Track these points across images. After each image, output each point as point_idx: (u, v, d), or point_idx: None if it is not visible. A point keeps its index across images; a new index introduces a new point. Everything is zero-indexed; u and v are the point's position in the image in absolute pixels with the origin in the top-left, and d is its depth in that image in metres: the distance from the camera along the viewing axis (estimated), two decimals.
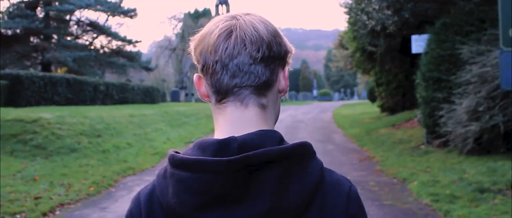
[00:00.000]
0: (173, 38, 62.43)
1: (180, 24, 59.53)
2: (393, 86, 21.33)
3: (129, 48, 38.07)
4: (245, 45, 1.04)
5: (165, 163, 1.08)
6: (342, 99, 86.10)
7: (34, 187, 8.42)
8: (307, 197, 0.99)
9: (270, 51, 1.06)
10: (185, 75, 60.98)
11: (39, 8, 34.19)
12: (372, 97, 40.56)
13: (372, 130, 17.34)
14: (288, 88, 1.13)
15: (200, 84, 1.14)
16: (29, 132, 11.88)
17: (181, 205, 0.98)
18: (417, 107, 20.54)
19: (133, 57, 37.38)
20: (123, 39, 36.76)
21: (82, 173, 9.88)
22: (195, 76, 1.16)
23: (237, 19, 1.08)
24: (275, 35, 1.08)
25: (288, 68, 1.14)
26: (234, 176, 0.96)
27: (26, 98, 18.90)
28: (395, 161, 10.76)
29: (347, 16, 21.62)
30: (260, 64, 1.05)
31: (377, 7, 12.58)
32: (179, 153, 1.04)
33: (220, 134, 1.08)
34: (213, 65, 1.06)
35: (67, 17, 36.22)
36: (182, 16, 58.49)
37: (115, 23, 54.99)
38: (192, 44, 1.15)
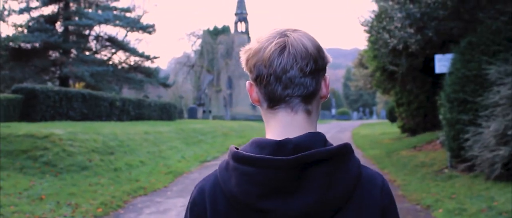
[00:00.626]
0: (192, 54, 62.41)
1: (199, 40, 59.52)
2: (414, 107, 20.80)
3: (147, 64, 38.02)
4: (296, 60, 1.21)
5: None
6: (360, 118, 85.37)
7: (40, 207, 8.09)
8: (349, 190, 1.18)
9: (316, 65, 1.24)
10: (203, 92, 60.82)
11: (58, 23, 34.29)
12: (391, 117, 39.98)
13: (393, 152, 16.82)
14: (328, 94, 1.32)
15: (252, 91, 1.31)
16: (39, 148, 11.59)
17: (245, 194, 1.16)
18: (439, 129, 20.03)
19: (151, 73, 37.27)
20: (141, 55, 36.69)
21: (91, 192, 9.53)
22: (247, 83, 1.32)
23: (288, 37, 1.24)
24: (319, 50, 1.26)
25: (327, 76, 1.31)
26: (290, 172, 1.14)
27: (41, 113, 18.72)
28: (418, 185, 10.26)
29: (367, 35, 21.25)
30: (309, 77, 1.23)
31: (399, 25, 12.14)
32: (238, 149, 1.23)
33: (273, 135, 1.26)
34: (267, 77, 1.23)
35: (86, 32, 36.28)
36: (201, 32, 58.49)
37: (133, 39, 55.23)
38: (244, 56, 1.30)
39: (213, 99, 64.31)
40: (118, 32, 46.44)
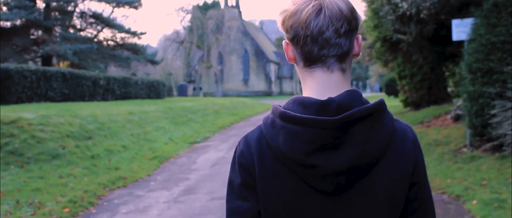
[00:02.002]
0: (182, 31, 60.72)
1: (188, 16, 57.82)
2: (417, 79, 19.46)
3: (134, 40, 36.37)
4: (332, 22, 1.26)
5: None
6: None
7: None
8: (385, 143, 1.25)
9: (350, 26, 1.28)
10: (193, 68, 59.33)
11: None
12: (389, 90, 38.70)
13: None
14: (360, 52, 1.36)
15: (288, 50, 1.36)
16: (5, 135, 10.13)
17: (292, 151, 1.22)
18: (446, 102, 18.76)
19: (138, 50, 35.62)
20: (127, 31, 35.02)
21: (60, 186, 8.16)
22: (283, 42, 1.37)
23: None
24: (352, 11, 1.30)
25: (359, 35, 1.35)
26: (334, 130, 1.20)
27: (17, 95, 17.23)
28: (437, 169, 8.94)
29: (366, 4, 19.82)
30: (343, 37, 1.28)
31: None
32: (281, 107, 1.29)
33: (311, 93, 1.32)
34: (304, 38, 1.28)
35: (70, 9, 34.50)
36: (190, 8, 56.73)
37: (120, 15, 53.18)
38: (280, 17, 1.33)
39: (203, 76, 62.76)
40: (104, 8, 44.67)
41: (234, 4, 66.63)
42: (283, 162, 1.26)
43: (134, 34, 35.23)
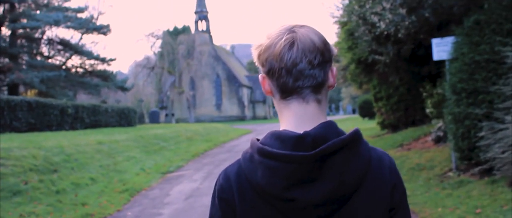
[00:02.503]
0: (153, 57, 60.02)
1: (159, 41, 57.24)
2: (394, 101, 19.19)
3: (103, 67, 35.54)
4: (305, 54, 1.30)
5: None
6: (327, 114, 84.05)
7: None
8: (363, 172, 1.27)
9: (323, 57, 1.33)
10: (165, 94, 58.52)
11: (4, 26, 31.55)
12: (363, 112, 38.53)
13: None
14: (335, 83, 1.41)
15: (265, 83, 1.40)
16: None
17: (270, 186, 1.24)
18: (424, 123, 18.46)
19: (107, 77, 34.79)
20: (97, 58, 34.24)
21: None
22: (260, 76, 1.41)
23: (296, 32, 1.33)
24: (325, 43, 1.35)
25: (334, 67, 1.39)
26: (311, 164, 1.23)
27: None
28: (426, 196, 8.47)
29: (338, 26, 19.58)
30: (317, 68, 1.32)
31: (388, 5, 10.37)
32: (259, 141, 1.32)
33: (288, 125, 1.35)
34: (279, 70, 1.32)
35: (37, 36, 33.63)
36: (160, 33, 56.18)
37: (89, 41, 52.28)
38: (256, 51, 1.39)
39: (176, 102, 62.03)
40: (73, 35, 43.69)
41: (204, 29, 66.25)
42: (262, 196, 1.29)
43: (103, 60, 34.46)
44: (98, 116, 25.43)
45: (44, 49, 35.21)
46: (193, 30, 64.84)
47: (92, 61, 34.83)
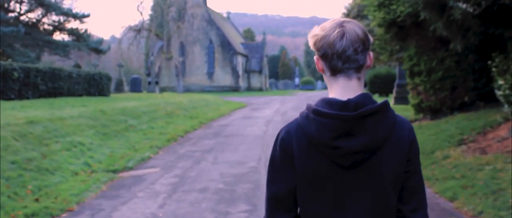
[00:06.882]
0: (140, 18, 54.74)
1: (147, 2, 51.95)
2: (437, 77, 14.44)
3: (75, 25, 30.34)
4: (351, 43, 1.71)
5: None
6: (326, 88, 79.76)
7: None
8: (389, 131, 1.71)
9: (364, 46, 1.74)
10: (150, 61, 53.61)
11: None
12: (373, 88, 33.77)
13: (429, 153, 10.35)
14: (372, 64, 1.83)
15: (319, 63, 1.81)
16: None
17: (322, 136, 1.68)
18: (474, 109, 13.82)
19: (79, 36, 29.61)
20: (67, 13, 28.95)
21: None
22: (315, 58, 1.83)
23: (344, 27, 1.72)
24: (366, 34, 1.75)
25: (371, 52, 1.81)
26: (353, 122, 1.65)
27: None
28: None
29: None
30: (360, 54, 1.73)
31: None
32: (313, 105, 1.74)
33: (336, 94, 1.76)
34: (331, 55, 1.73)
35: None
36: None
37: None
38: (312, 39, 1.79)
39: (164, 69, 57.14)
40: None
41: None
42: (315, 145, 1.72)
43: (75, 16, 29.24)
44: (59, 82, 20.57)
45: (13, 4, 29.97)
46: None
47: (61, 18, 29.59)
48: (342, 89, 1.76)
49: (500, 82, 11.08)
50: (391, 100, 27.09)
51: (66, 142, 10.85)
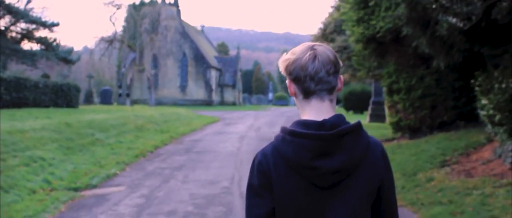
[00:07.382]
0: (113, 29, 53.73)
1: (120, 12, 51.01)
2: (416, 95, 14.05)
3: (44, 33, 29.32)
4: (323, 66, 1.75)
5: None
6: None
7: None
8: (365, 150, 1.74)
9: (335, 68, 1.79)
10: (122, 73, 52.65)
11: None
12: (348, 105, 33.48)
13: (411, 175, 9.84)
14: (342, 87, 1.87)
15: (291, 86, 1.84)
16: None
17: (300, 158, 1.68)
18: (454, 128, 13.44)
19: (48, 45, 28.65)
20: (35, 21, 28.02)
21: None
22: (287, 81, 1.85)
23: (316, 49, 1.77)
24: (336, 57, 1.80)
25: (341, 75, 1.85)
26: (331, 141, 1.67)
27: None
28: None
29: None
30: (331, 76, 1.78)
31: None
32: (288, 128, 1.74)
33: (309, 117, 1.77)
34: (304, 77, 1.76)
35: None
36: (120, 1, 49.99)
37: (38, 7, 45.34)
38: (284, 63, 1.82)
39: (136, 81, 56.16)
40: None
41: (172, 2, 60.28)
42: (292, 167, 1.72)
43: (44, 25, 28.31)
44: (24, 91, 19.72)
45: None
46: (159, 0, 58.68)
47: (30, 26, 28.61)
48: (316, 111, 1.80)
49: (484, 102, 10.66)
50: (366, 117, 26.79)
51: (25, 157, 10.11)
